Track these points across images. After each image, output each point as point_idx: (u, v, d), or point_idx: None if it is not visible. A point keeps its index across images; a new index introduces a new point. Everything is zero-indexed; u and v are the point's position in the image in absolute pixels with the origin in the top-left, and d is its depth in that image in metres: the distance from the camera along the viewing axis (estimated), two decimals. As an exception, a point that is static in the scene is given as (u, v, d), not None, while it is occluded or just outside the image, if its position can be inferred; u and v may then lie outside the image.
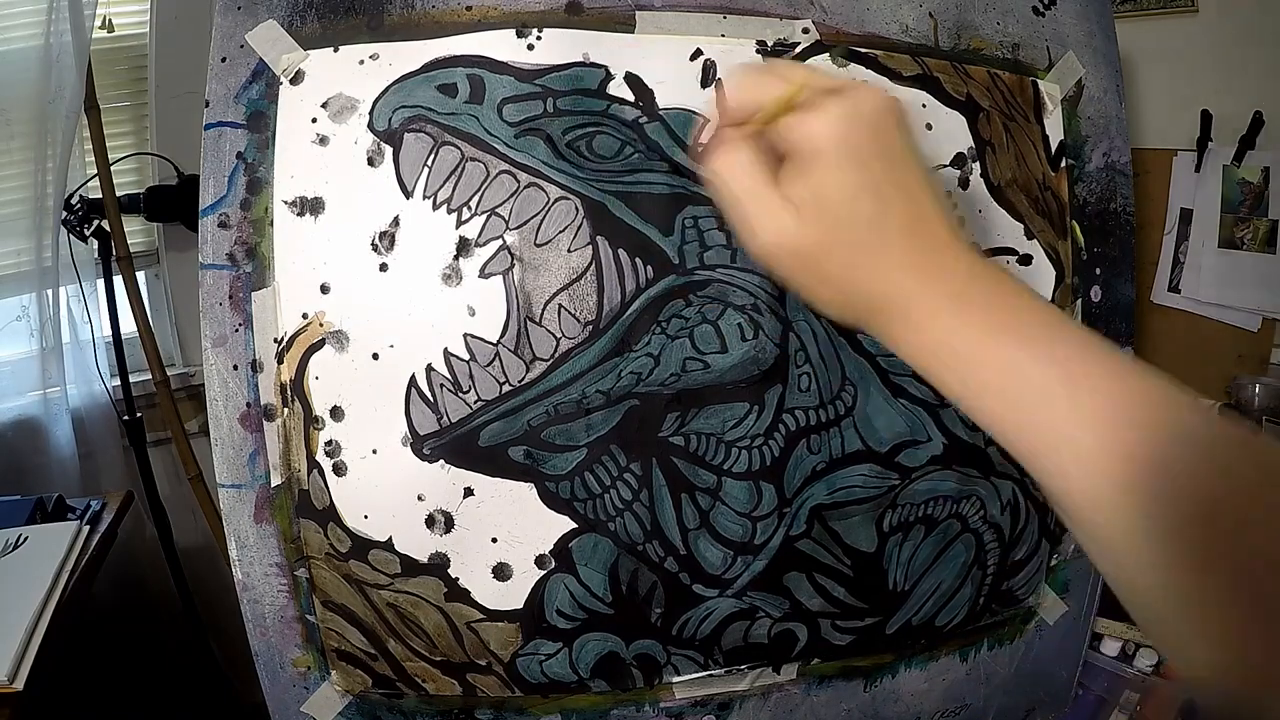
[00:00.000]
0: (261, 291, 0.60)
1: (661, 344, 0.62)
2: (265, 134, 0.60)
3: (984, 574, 0.75)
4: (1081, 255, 0.77)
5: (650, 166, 0.62)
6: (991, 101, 0.72)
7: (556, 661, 0.65)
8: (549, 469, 0.62)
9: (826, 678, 0.72)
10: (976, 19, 0.72)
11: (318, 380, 0.61)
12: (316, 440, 0.61)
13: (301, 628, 0.64)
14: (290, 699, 0.65)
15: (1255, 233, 1.23)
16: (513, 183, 0.60)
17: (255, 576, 0.62)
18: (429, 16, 0.61)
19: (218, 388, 0.61)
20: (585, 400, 0.62)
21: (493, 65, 0.61)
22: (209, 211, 0.60)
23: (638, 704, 0.69)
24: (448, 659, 0.65)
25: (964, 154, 0.70)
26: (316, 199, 0.60)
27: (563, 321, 0.61)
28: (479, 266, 0.60)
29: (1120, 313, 0.79)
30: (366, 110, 0.60)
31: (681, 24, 0.64)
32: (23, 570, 1.07)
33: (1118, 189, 0.78)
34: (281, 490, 0.62)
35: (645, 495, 0.63)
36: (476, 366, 0.61)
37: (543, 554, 0.63)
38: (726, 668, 0.69)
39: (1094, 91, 0.77)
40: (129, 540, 1.46)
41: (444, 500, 0.62)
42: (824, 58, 0.66)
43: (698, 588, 0.66)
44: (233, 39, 0.60)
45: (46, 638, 0.97)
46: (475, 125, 0.60)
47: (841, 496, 0.68)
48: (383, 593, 0.63)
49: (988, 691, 0.79)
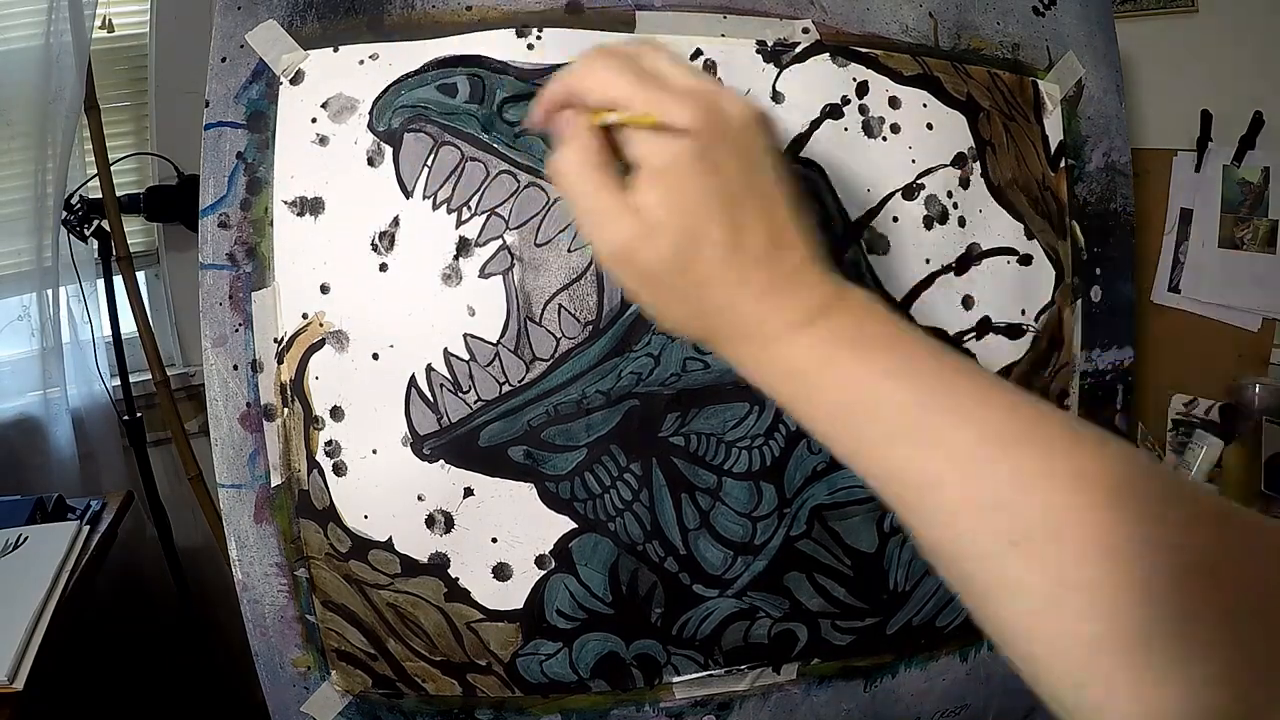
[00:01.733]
0: (261, 291, 0.60)
1: (661, 344, 0.62)
2: (265, 134, 0.60)
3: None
4: (1081, 255, 0.77)
5: (650, 166, 0.62)
6: (992, 101, 0.72)
7: (556, 661, 0.65)
8: (549, 469, 0.62)
9: (826, 678, 0.72)
10: (976, 19, 0.72)
11: (318, 380, 0.61)
12: (316, 440, 0.61)
13: (301, 628, 0.64)
14: (290, 699, 0.65)
15: (1255, 233, 1.23)
16: (513, 182, 0.60)
17: (255, 576, 0.62)
18: (429, 16, 0.61)
19: (218, 388, 0.61)
20: (585, 400, 0.62)
21: (493, 65, 0.61)
22: (209, 211, 0.60)
23: (638, 704, 0.69)
24: (448, 659, 0.65)
25: (964, 154, 0.70)
26: (316, 199, 0.60)
27: (563, 321, 0.61)
28: (479, 266, 0.60)
29: (1120, 313, 0.79)
30: (366, 110, 0.60)
31: (681, 24, 0.64)
32: (23, 570, 1.07)
33: (1118, 189, 0.78)
34: (281, 490, 0.62)
35: (645, 495, 0.63)
36: (476, 366, 0.61)
37: (543, 554, 0.63)
38: (726, 668, 0.69)
39: (1094, 91, 0.77)
40: (129, 540, 1.46)
41: (444, 500, 0.62)
42: (824, 58, 0.66)
43: (698, 588, 0.66)
44: (233, 39, 0.60)
45: (46, 638, 0.97)
46: (475, 125, 0.60)
47: (842, 497, 0.68)
48: (383, 593, 0.63)
49: (988, 691, 0.79)
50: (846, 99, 0.67)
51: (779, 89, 0.65)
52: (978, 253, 0.71)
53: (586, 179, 0.37)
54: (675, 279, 0.37)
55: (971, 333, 0.71)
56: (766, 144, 0.37)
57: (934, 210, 0.69)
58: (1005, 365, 0.73)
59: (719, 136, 0.36)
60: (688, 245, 0.36)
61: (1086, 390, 0.78)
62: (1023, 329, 0.73)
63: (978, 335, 0.71)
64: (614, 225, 0.36)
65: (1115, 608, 0.29)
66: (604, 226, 0.37)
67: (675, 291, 0.37)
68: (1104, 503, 0.30)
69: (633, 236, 0.36)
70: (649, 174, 0.36)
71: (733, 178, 0.36)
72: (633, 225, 0.36)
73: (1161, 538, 0.29)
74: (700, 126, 0.35)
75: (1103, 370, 0.79)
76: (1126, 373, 0.80)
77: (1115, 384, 0.80)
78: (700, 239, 0.36)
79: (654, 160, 0.36)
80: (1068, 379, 0.77)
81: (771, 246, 0.36)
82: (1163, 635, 0.28)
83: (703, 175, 0.35)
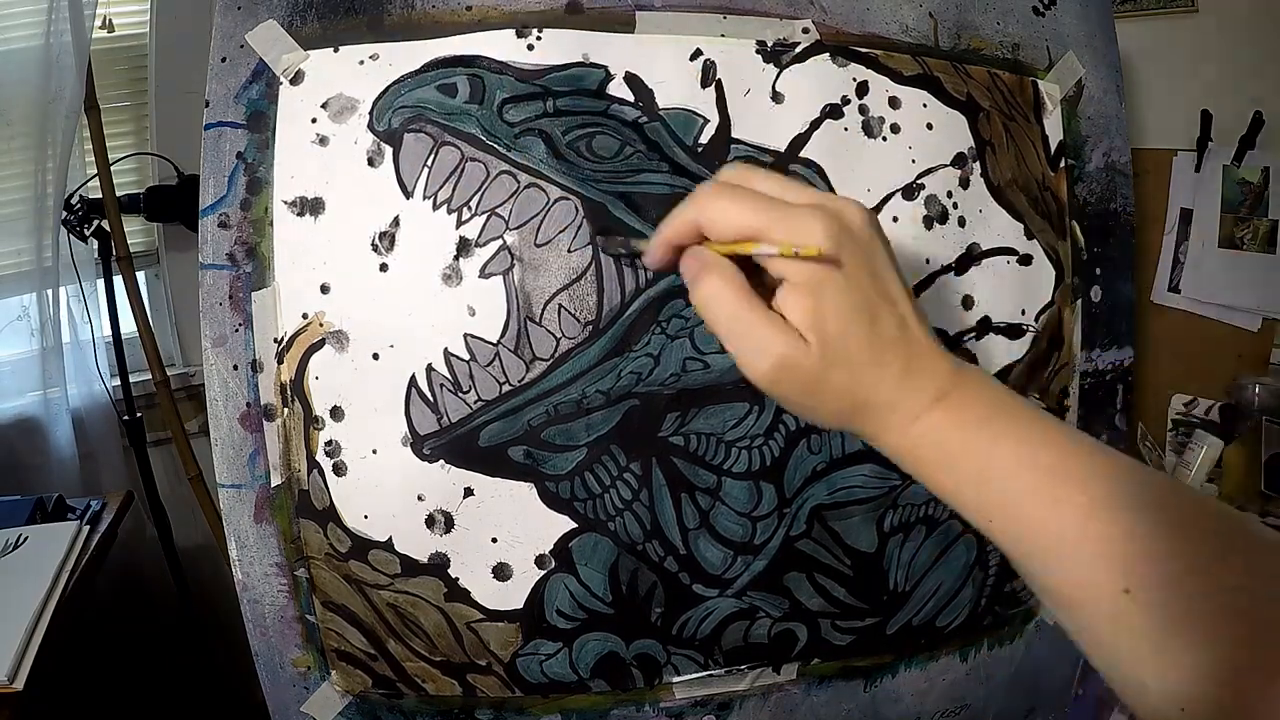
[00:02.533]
0: (261, 291, 0.60)
1: (661, 344, 0.62)
2: (265, 134, 0.60)
3: (985, 575, 0.75)
4: (1081, 255, 0.77)
5: (650, 167, 0.62)
6: (991, 101, 0.72)
7: (556, 661, 0.65)
8: (549, 469, 0.62)
9: (826, 678, 0.72)
10: (976, 19, 0.72)
11: (318, 380, 0.61)
12: (316, 440, 0.61)
13: (301, 628, 0.64)
14: (290, 699, 0.65)
15: (1255, 233, 1.23)
16: (513, 183, 0.60)
17: (255, 576, 0.62)
18: (429, 16, 0.61)
19: (218, 388, 0.61)
20: (585, 400, 0.62)
21: (493, 65, 0.61)
22: (209, 211, 0.60)
23: (638, 704, 0.69)
24: (448, 659, 0.65)
25: (964, 154, 0.70)
26: (316, 199, 0.60)
27: (563, 321, 0.61)
28: (479, 267, 0.60)
29: (1120, 313, 0.79)
30: (366, 110, 0.60)
31: (681, 24, 0.64)
32: (23, 570, 1.07)
33: (1118, 189, 0.78)
34: (281, 490, 0.62)
35: (645, 495, 0.63)
36: (476, 366, 0.61)
37: (543, 554, 0.63)
38: (726, 668, 0.69)
39: (1094, 91, 0.77)
40: (129, 540, 1.46)
41: (444, 500, 0.62)
42: (824, 58, 0.66)
43: (698, 587, 0.66)
44: (233, 39, 0.60)
45: (46, 638, 0.97)
46: (475, 125, 0.60)
47: (842, 497, 0.68)
48: (383, 593, 0.63)
49: (988, 691, 0.79)
50: (846, 99, 0.67)
51: (779, 89, 0.65)
52: (977, 253, 0.71)
53: (739, 303, 0.40)
54: (828, 381, 0.40)
55: (971, 333, 0.71)
56: (883, 243, 0.42)
57: (934, 210, 0.69)
58: (1005, 365, 0.73)
59: (848, 247, 0.40)
60: (838, 347, 0.40)
61: (1086, 390, 0.78)
62: (1022, 329, 0.73)
63: (977, 335, 0.71)
64: (772, 342, 0.40)
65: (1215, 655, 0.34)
66: (762, 345, 0.40)
67: (829, 389, 0.41)
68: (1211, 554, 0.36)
69: (790, 348, 0.40)
70: (795, 290, 0.40)
71: (865, 281, 0.40)
72: (788, 339, 0.40)
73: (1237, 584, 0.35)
74: (833, 244, 0.39)
75: (1103, 370, 0.79)
76: (1126, 373, 0.80)
77: (1115, 384, 0.80)
78: (847, 339, 0.40)
79: (797, 277, 0.40)
80: (1068, 379, 0.77)
81: (902, 334, 0.41)
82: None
83: (841, 281, 0.39)
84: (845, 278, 0.40)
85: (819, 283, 0.39)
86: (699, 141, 0.64)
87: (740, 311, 0.40)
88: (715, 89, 0.64)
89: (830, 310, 0.40)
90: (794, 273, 0.40)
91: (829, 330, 0.40)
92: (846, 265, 0.40)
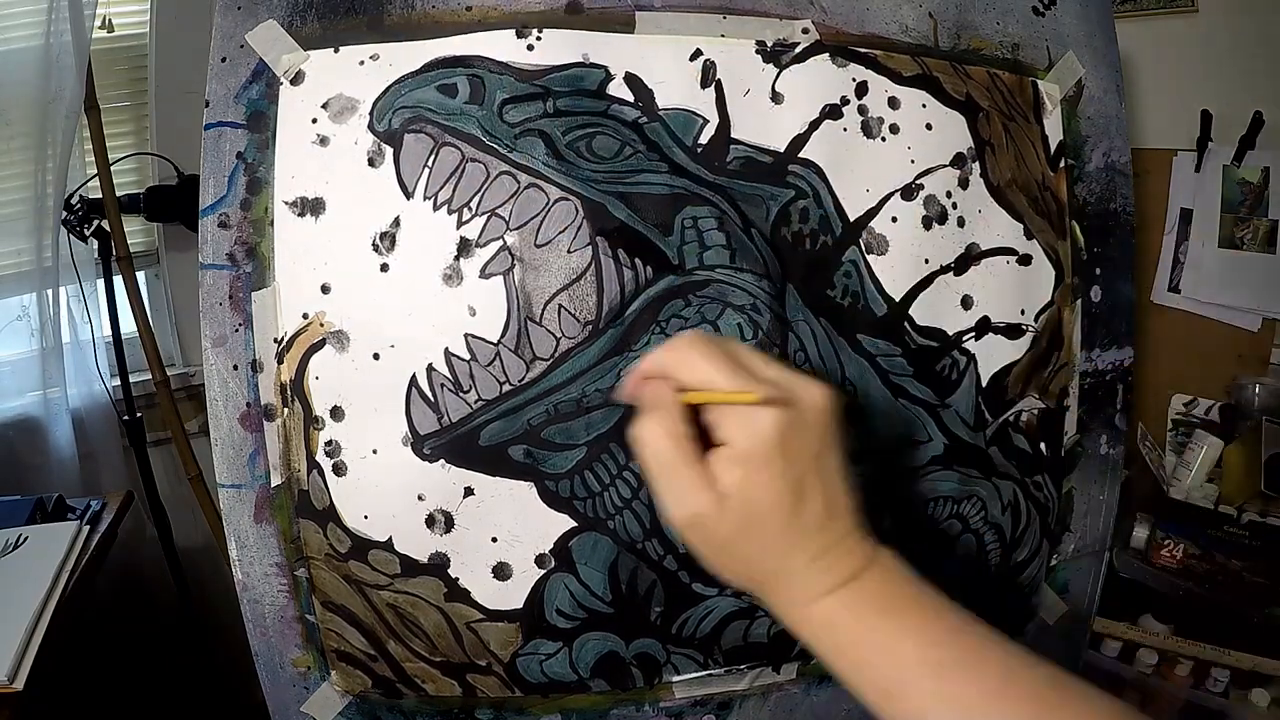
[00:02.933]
0: (261, 291, 0.60)
1: (661, 343, 0.62)
2: (265, 134, 0.60)
3: (985, 575, 0.75)
4: (1081, 255, 0.77)
5: (650, 167, 0.62)
6: (991, 101, 0.72)
7: (556, 661, 0.66)
8: (549, 468, 0.62)
9: (826, 677, 0.72)
10: (976, 19, 0.72)
11: (318, 380, 0.61)
12: (316, 440, 0.61)
13: (301, 628, 0.64)
14: (290, 699, 0.65)
15: (1255, 233, 1.24)
16: (513, 183, 0.60)
17: (255, 576, 0.62)
18: (429, 17, 0.61)
19: (218, 388, 0.61)
20: (585, 399, 0.62)
21: (493, 66, 0.61)
22: (209, 211, 0.60)
23: (638, 703, 0.69)
24: (447, 659, 0.65)
25: (964, 154, 0.70)
26: (317, 199, 0.60)
27: (563, 321, 0.61)
28: (479, 267, 0.60)
29: (1120, 313, 0.79)
30: (367, 111, 0.60)
31: (681, 24, 0.64)
32: (23, 570, 1.07)
33: (1118, 189, 0.79)
34: (281, 490, 0.62)
35: (644, 493, 0.63)
36: (477, 366, 0.61)
37: (542, 553, 0.63)
38: (726, 667, 0.69)
39: (1094, 91, 0.77)
40: (129, 540, 1.46)
41: (444, 500, 0.62)
42: (823, 58, 0.66)
43: (697, 586, 0.66)
44: (233, 39, 0.60)
45: (46, 638, 0.97)
46: (475, 126, 0.60)
47: (841, 496, 0.68)
48: (382, 593, 0.63)
49: (987, 691, 0.79)
50: (846, 99, 0.67)
51: (778, 89, 0.65)
52: (977, 253, 0.71)
53: (670, 449, 0.41)
54: (738, 546, 0.42)
55: (971, 333, 0.71)
56: (834, 426, 0.43)
57: (933, 210, 0.69)
58: (1005, 365, 0.73)
59: (796, 425, 0.41)
60: (755, 521, 0.41)
61: (1086, 390, 0.78)
62: (1022, 329, 0.73)
63: (977, 335, 0.71)
64: (691, 496, 0.41)
65: None
66: (681, 496, 0.41)
67: (737, 555, 0.42)
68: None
69: (707, 509, 0.41)
70: (732, 455, 0.41)
71: (803, 460, 0.41)
72: (709, 499, 0.40)
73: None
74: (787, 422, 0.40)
75: (1102, 370, 0.79)
76: (1126, 372, 0.80)
77: (1115, 384, 0.80)
78: (766, 515, 0.41)
79: (740, 444, 0.41)
80: (1067, 379, 0.77)
81: (826, 518, 0.42)
82: None
83: (779, 460, 0.40)
84: (782, 454, 0.40)
85: (756, 453, 0.40)
86: (699, 142, 0.64)
87: (669, 457, 0.41)
88: (715, 89, 0.64)
89: (759, 487, 0.40)
90: (737, 437, 0.41)
91: (752, 505, 0.40)
92: (789, 442, 0.40)
